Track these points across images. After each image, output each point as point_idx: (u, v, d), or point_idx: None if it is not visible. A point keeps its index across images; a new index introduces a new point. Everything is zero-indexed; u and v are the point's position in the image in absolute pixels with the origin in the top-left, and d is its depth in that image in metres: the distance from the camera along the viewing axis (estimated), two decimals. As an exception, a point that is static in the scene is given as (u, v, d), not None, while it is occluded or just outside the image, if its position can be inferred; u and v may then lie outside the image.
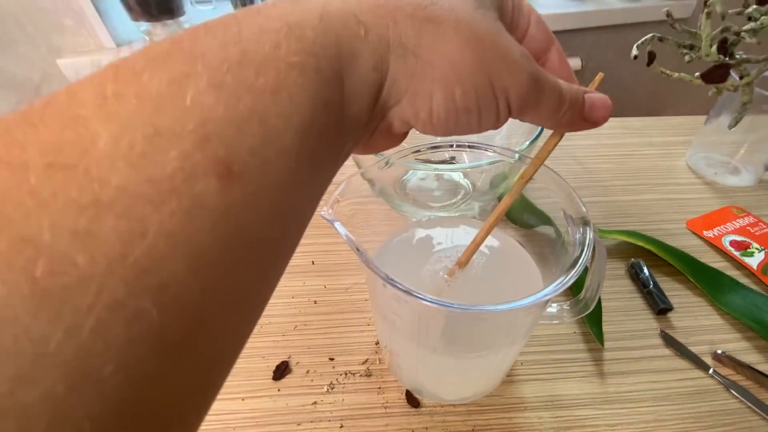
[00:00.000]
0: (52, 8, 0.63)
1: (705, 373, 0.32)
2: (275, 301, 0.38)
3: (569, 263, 0.20)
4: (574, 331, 0.35)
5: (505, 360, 0.28)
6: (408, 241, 0.30)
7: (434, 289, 0.25)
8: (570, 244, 0.22)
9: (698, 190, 0.50)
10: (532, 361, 0.33)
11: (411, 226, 0.31)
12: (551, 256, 0.26)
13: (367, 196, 0.28)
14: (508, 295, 0.18)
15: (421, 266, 0.28)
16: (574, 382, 0.32)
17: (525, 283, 0.27)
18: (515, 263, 0.28)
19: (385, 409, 0.30)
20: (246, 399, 0.31)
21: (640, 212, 0.47)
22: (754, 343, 0.34)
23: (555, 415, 0.30)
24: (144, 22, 0.66)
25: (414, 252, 0.29)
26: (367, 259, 0.19)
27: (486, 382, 0.29)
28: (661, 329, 0.35)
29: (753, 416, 0.30)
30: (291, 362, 0.33)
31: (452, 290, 0.27)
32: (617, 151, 0.56)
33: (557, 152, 0.56)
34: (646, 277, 0.38)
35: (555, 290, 0.18)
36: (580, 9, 0.77)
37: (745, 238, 0.42)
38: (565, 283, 0.19)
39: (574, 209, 0.22)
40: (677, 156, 0.55)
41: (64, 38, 0.66)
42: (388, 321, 0.26)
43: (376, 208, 0.36)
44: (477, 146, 0.29)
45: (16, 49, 0.67)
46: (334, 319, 0.36)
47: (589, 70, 0.90)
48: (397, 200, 0.36)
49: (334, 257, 0.42)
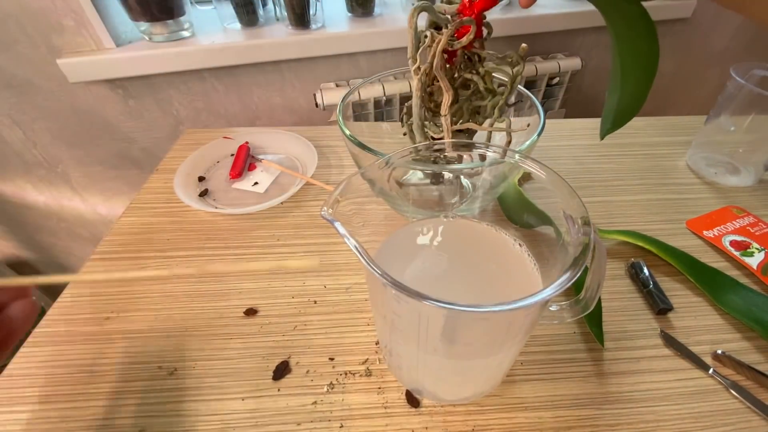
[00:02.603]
0: (52, 8, 0.63)
1: (705, 373, 0.32)
2: (275, 301, 0.38)
3: (569, 263, 0.20)
4: (574, 331, 0.35)
5: (505, 360, 0.28)
6: (408, 241, 0.30)
7: (434, 289, 0.25)
8: (570, 244, 0.22)
9: (698, 190, 0.50)
10: (532, 361, 0.33)
11: (411, 226, 0.31)
12: (551, 256, 0.26)
13: (367, 196, 0.28)
14: (508, 295, 0.18)
15: (420, 266, 0.28)
16: (574, 382, 0.32)
17: (525, 283, 0.27)
18: (515, 263, 0.28)
19: (385, 409, 0.30)
20: (246, 399, 0.31)
21: (640, 212, 0.47)
22: (754, 343, 0.34)
23: (555, 415, 0.30)
24: (144, 22, 0.66)
25: (413, 251, 0.29)
26: (367, 259, 0.19)
27: (486, 382, 0.29)
28: (661, 329, 0.35)
29: (753, 416, 0.30)
30: (291, 362, 0.33)
31: (452, 290, 0.27)
32: (617, 151, 0.56)
33: (557, 152, 0.56)
34: (646, 277, 0.38)
35: (555, 290, 0.18)
36: (580, 9, 0.77)
37: (745, 238, 0.42)
38: (565, 283, 0.19)
39: (575, 209, 0.22)
40: (677, 156, 0.55)
41: (64, 38, 0.66)
42: (388, 321, 0.26)
43: (376, 208, 0.36)
44: (477, 146, 0.29)
45: (15, 49, 0.67)
46: (334, 319, 0.36)
47: (589, 70, 0.90)
48: (397, 200, 0.36)
49: (334, 257, 0.42)
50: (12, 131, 0.78)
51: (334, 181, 0.50)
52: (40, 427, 0.30)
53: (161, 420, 0.30)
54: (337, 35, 0.70)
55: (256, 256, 0.42)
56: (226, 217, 0.47)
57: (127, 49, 0.68)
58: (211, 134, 0.59)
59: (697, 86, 0.99)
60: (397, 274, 0.19)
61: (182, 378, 0.32)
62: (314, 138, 0.55)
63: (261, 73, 0.76)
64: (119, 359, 0.34)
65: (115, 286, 0.39)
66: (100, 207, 0.95)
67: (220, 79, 0.76)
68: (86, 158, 0.84)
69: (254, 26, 0.72)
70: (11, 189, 0.88)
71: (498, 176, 0.35)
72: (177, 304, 0.38)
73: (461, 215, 0.33)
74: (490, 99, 0.35)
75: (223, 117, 0.82)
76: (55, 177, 0.87)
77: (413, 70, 0.34)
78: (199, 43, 0.69)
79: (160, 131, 0.82)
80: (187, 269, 0.21)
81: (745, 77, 0.46)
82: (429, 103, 0.36)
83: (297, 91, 0.80)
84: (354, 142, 0.35)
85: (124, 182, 0.90)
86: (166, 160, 0.56)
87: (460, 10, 0.32)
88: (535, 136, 0.34)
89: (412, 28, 0.32)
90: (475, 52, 0.34)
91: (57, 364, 0.34)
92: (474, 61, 0.35)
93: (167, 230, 0.45)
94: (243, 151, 0.55)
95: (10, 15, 0.64)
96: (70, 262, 1.07)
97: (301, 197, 0.49)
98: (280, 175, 0.53)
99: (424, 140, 0.36)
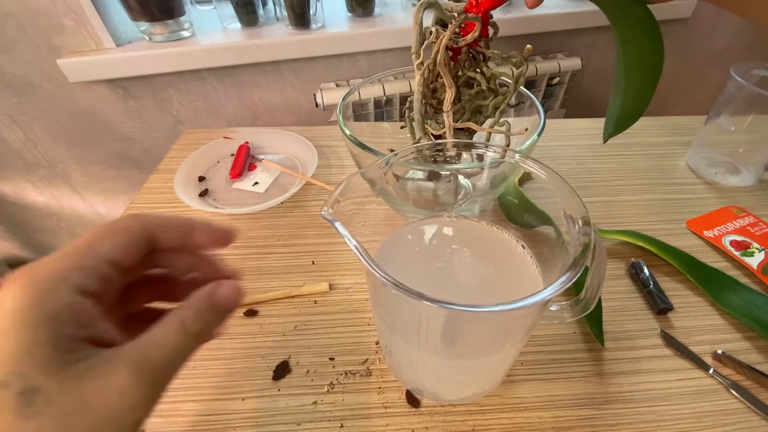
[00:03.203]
0: (52, 8, 0.63)
1: (705, 373, 0.32)
2: (275, 301, 0.38)
3: (569, 263, 0.20)
4: (574, 331, 0.35)
5: (505, 360, 0.28)
6: (408, 241, 0.30)
7: (434, 289, 0.25)
8: (570, 244, 0.22)
9: (698, 190, 0.50)
10: (532, 361, 0.33)
11: (411, 226, 0.31)
12: (551, 256, 0.26)
13: (367, 196, 0.28)
14: (509, 295, 0.18)
15: (421, 266, 0.28)
16: (574, 382, 0.32)
17: (525, 283, 0.27)
18: (515, 263, 0.28)
19: (385, 409, 0.30)
20: (246, 399, 0.31)
21: (640, 212, 0.47)
22: (755, 343, 0.34)
23: (555, 415, 0.30)
24: (144, 22, 0.66)
25: (414, 251, 0.29)
26: (367, 259, 0.19)
27: (486, 382, 0.29)
28: (661, 329, 0.35)
29: (753, 416, 0.30)
30: (291, 362, 0.33)
31: (452, 290, 0.27)
32: (617, 151, 0.56)
33: (558, 152, 0.56)
34: (646, 277, 0.38)
35: (555, 291, 0.18)
36: (580, 9, 0.77)
37: (745, 238, 0.42)
38: (565, 283, 0.19)
39: (575, 209, 0.22)
40: (677, 156, 0.55)
41: (64, 38, 0.66)
42: (388, 321, 0.26)
43: (376, 208, 0.36)
44: (477, 146, 0.29)
45: (15, 49, 0.67)
46: (334, 319, 0.36)
47: (589, 70, 0.90)
48: (397, 200, 0.36)
49: (334, 257, 0.42)
50: (12, 131, 0.78)
51: (334, 181, 0.50)
52: (40, 427, 0.30)
53: (161, 420, 0.30)
54: (337, 35, 0.70)
55: (256, 256, 0.42)
56: (226, 217, 0.47)
57: (127, 49, 0.68)
58: (211, 134, 0.59)
59: (697, 86, 0.99)
60: (398, 273, 0.19)
61: (182, 378, 0.32)
62: (314, 138, 0.55)
63: (261, 73, 0.76)
64: (119, 359, 0.34)
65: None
66: (100, 207, 0.95)
67: (220, 79, 0.76)
68: (86, 158, 0.84)
69: (254, 26, 0.72)
70: (11, 189, 0.88)
71: (498, 176, 0.35)
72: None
73: (462, 215, 0.33)
74: (492, 98, 0.35)
75: (223, 117, 0.82)
76: (55, 177, 0.87)
77: (416, 65, 0.34)
78: (199, 43, 0.69)
79: (159, 131, 0.82)
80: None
81: (745, 77, 0.46)
82: (431, 99, 0.36)
83: (297, 91, 0.80)
84: (354, 142, 0.35)
85: (124, 182, 0.90)
86: (166, 160, 0.56)
87: (467, 8, 0.32)
88: (535, 136, 0.34)
89: (417, 24, 0.32)
90: (480, 51, 0.34)
91: (57, 364, 0.34)
92: (478, 60, 0.35)
93: (167, 230, 0.45)
94: (243, 151, 0.55)
95: (10, 15, 0.64)
96: (70, 262, 1.07)
97: (301, 197, 0.49)
98: (280, 175, 0.53)
99: (424, 136, 0.36)
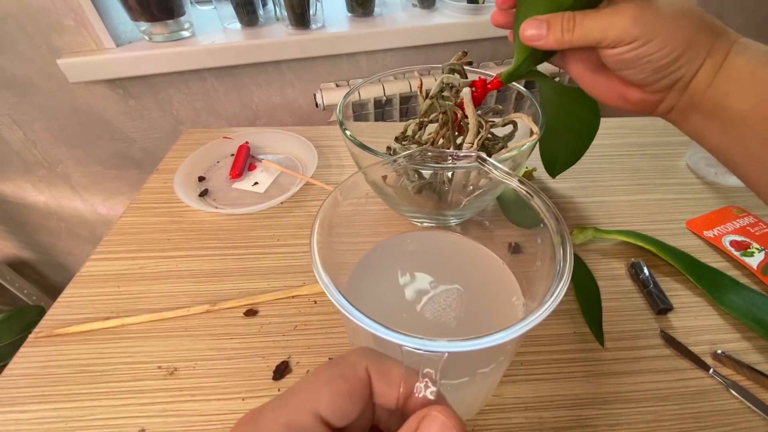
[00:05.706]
0: (52, 8, 0.63)
1: (705, 373, 0.32)
2: (275, 301, 0.38)
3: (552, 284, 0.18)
4: (574, 331, 0.35)
5: (493, 384, 0.27)
6: (390, 260, 0.29)
7: (412, 318, 0.24)
8: (558, 244, 0.21)
9: (698, 190, 0.50)
10: (532, 361, 0.33)
11: (394, 240, 0.31)
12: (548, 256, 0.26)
13: (367, 196, 0.28)
14: (491, 320, 0.17)
15: (397, 291, 0.27)
16: (574, 382, 0.32)
17: (506, 301, 0.26)
18: (496, 287, 0.28)
19: (385, 409, 0.30)
20: (246, 399, 0.31)
21: (640, 212, 0.47)
22: (754, 343, 0.34)
23: (555, 415, 0.30)
24: (144, 22, 0.66)
25: (394, 274, 0.29)
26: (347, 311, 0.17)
27: (473, 404, 0.28)
28: (661, 329, 0.35)
29: (753, 416, 0.30)
30: (291, 362, 0.33)
31: (432, 316, 0.26)
32: (617, 151, 0.56)
33: (557, 152, 0.56)
34: (646, 277, 0.38)
35: (535, 322, 0.17)
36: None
37: (745, 238, 0.42)
38: (546, 312, 0.17)
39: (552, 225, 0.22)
40: (677, 156, 0.55)
41: (64, 38, 0.66)
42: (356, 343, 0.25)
43: (376, 208, 0.36)
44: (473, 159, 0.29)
45: (15, 49, 0.67)
46: (334, 319, 0.36)
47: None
48: (397, 200, 0.36)
49: (334, 257, 0.42)
50: (12, 131, 0.78)
51: (333, 181, 0.50)
52: (40, 427, 0.30)
53: (161, 420, 0.30)
54: (337, 35, 0.70)
55: (256, 256, 0.42)
56: (226, 217, 0.47)
57: (127, 49, 0.68)
58: (211, 134, 0.59)
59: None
60: (372, 298, 0.17)
61: (182, 378, 0.32)
62: (314, 138, 0.55)
63: (261, 73, 0.76)
64: (119, 359, 0.34)
65: (115, 286, 0.39)
66: (100, 207, 0.95)
67: (220, 79, 0.76)
68: (86, 158, 0.84)
69: (254, 26, 0.72)
70: (11, 189, 0.88)
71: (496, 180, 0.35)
72: (177, 303, 0.38)
73: (455, 224, 0.32)
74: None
75: (223, 117, 0.82)
76: (55, 177, 0.87)
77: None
78: (199, 43, 0.69)
79: (159, 131, 0.82)
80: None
81: (745, 77, 0.46)
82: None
83: (297, 91, 0.80)
84: (354, 142, 0.35)
85: (124, 182, 0.90)
86: (166, 160, 0.56)
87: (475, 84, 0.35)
88: (535, 137, 0.34)
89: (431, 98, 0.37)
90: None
91: (57, 364, 0.34)
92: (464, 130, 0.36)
93: (167, 230, 0.45)
94: (243, 151, 0.55)
95: (10, 15, 0.64)
96: (70, 262, 1.07)
97: (301, 197, 0.49)
98: (280, 175, 0.53)
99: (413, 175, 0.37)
